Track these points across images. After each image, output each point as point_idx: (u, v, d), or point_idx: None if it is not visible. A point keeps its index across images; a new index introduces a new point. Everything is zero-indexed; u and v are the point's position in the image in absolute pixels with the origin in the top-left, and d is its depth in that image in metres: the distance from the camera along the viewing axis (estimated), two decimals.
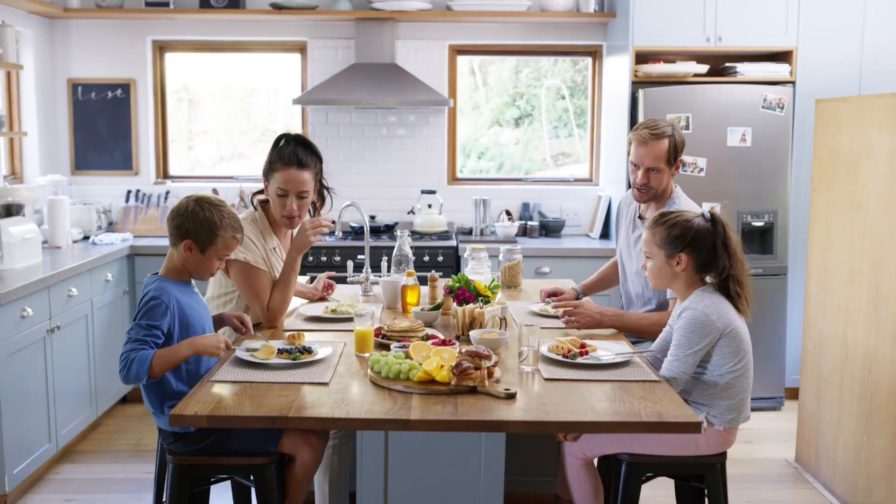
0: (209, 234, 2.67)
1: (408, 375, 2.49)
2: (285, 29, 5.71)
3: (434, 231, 5.50)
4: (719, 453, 2.72)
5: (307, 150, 3.22)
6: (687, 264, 2.74)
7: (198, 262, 2.70)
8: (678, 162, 3.40)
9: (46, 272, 4.08)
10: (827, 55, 5.06)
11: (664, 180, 3.38)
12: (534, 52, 5.90)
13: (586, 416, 2.29)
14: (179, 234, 2.67)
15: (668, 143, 3.33)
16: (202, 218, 2.66)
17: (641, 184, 3.38)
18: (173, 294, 2.64)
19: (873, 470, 3.60)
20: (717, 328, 2.67)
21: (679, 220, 2.75)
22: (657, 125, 3.36)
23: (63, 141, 5.71)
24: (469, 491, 2.44)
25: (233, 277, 3.17)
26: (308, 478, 2.68)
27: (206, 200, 2.70)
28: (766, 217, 5.01)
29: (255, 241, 3.19)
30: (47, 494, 3.93)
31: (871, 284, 3.63)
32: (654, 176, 3.36)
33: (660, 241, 2.76)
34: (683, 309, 2.74)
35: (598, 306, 3.23)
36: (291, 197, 3.19)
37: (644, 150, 3.34)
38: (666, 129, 3.35)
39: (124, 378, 2.51)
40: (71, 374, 4.32)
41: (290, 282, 3.20)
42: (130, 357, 2.49)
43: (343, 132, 5.80)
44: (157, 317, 2.57)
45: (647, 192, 3.39)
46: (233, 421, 2.29)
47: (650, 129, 3.35)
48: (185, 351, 2.57)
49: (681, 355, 2.68)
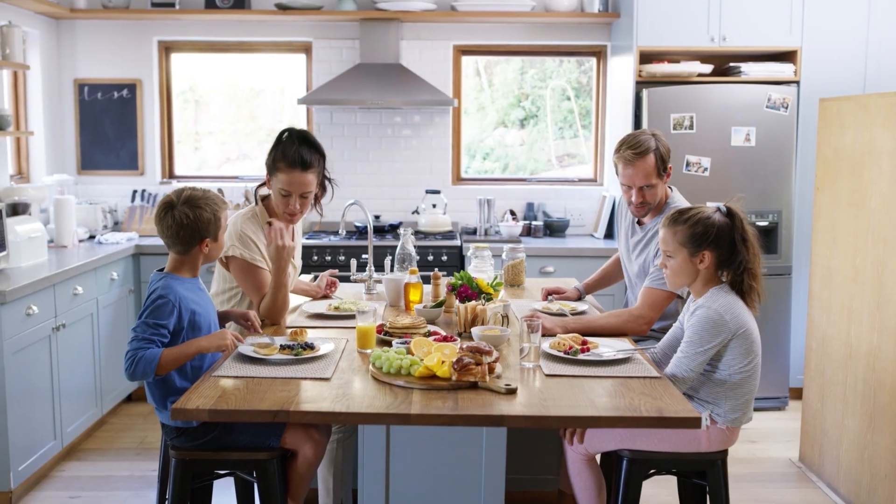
0: (216, 223, 2.75)
1: (409, 371, 2.49)
2: (290, 29, 5.73)
3: (438, 231, 5.51)
4: (721, 451, 2.72)
5: (311, 148, 3.21)
6: (710, 262, 2.73)
7: (212, 250, 2.80)
8: (668, 170, 3.38)
9: (52, 271, 4.10)
10: (831, 55, 5.05)
11: (659, 192, 3.38)
12: (538, 52, 5.91)
13: (586, 410, 2.29)
14: (195, 239, 2.72)
15: (653, 158, 3.29)
16: (206, 217, 2.71)
17: (638, 203, 3.36)
18: (179, 292, 2.66)
19: (877, 469, 3.60)
20: (730, 329, 2.66)
21: (700, 217, 2.73)
22: (638, 142, 3.31)
23: (69, 141, 5.74)
24: (470, 486, 2.45)
25: (233, 274, 3.19)
26: (310, 473, 2.69)
27: (199, 199, 2.73)
28: (771, 217, 5.01)
29: (253, 237, 3.20)
30: (52, 492, 3.94)
31: (874, 283, 3.62)
32: (648, 192, 3.34)
33: (682, 239, 2.73)
34: (697, 307, 2.72)
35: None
36: (294, 197, 3.21)
37: (632, 170, 3.31)
38: (649, 144, 3.30)
39: (130, 376, 2.54)
40: (76, 372, 4.34)
41: (280, 284, 3.15)
42: (137, 356, 2.51)
43: (348, 132, 5.82)
44: (164, 315, 2.59)
45: (644, 207, 3.39)
46: (234, 415, 2.30)
47: (633, 150, 3.30)
48: (192, 351, 2.61)
49: (690, 353, 2.67)
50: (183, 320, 2.64)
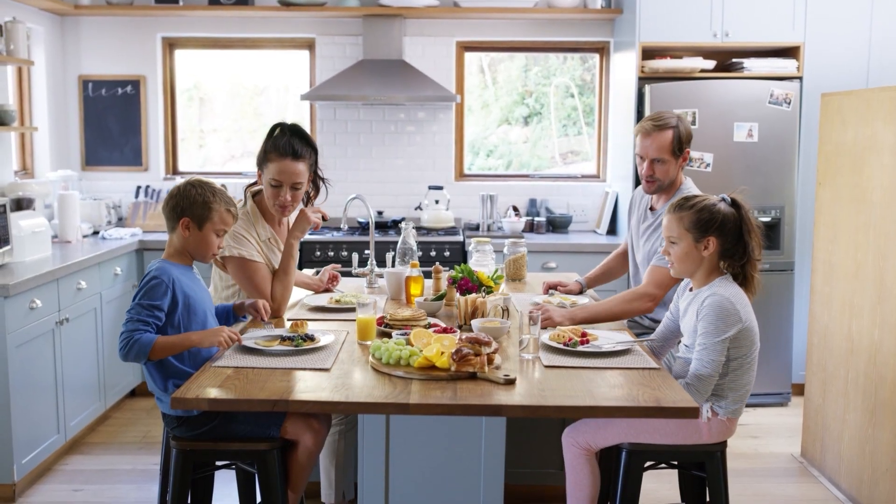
0: (204, 209, 2.73)
1: (408, 361, 2.51)
2: (293, 26, 5.74)
3: (441, 227, 5.52)
4: (720, 442, 2.73)
5: (302, 140, 3.21)
6: (714, 248, 2.73)
7: (197, 241, 2.75)
8: (685, 153, 3.41)
9: (56, 265, 4.12)
10: (834, 50, 5.05)
11: (671, 171, 3.40)
12: (541, 48, 5.92)
13: (584, 401, 2.30)
14: (176, 214, 2.74)
15: (672, 134, 3.35)
16: (194, 195, 2.73)
17: (647, 175, 3.40)
18: (174, 274, 2.68)
19: (878, 463, 3.59)
20: (740, 319, 2.65)
21: (706, 203, 2.74)
22: (661, 116, 3.39)
23: (74, 137, 5.76)
24: (470, 476, 2.46)
25: (231, 273, 3.20)
26: (310, 462, 2.71)
27: (197, 181, 2.79)
28: (773, 213, 5.01)
29: (246, 234, 3.20)
30: (55, 485, 3.96)
31: (875, 278, 3.62)
32: (658, 167, 3.38)
33: (688, 224, 2.73)
34: (707, 295, 2.70)
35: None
36: (285, 188, 3.19)
37: (648, 141, 3.37)
38: (670, 121, 3.37)
39: (123, 356, 2.57)
40: (80, 366, 4.35)
41: (289, 269, 3.23)
42: (133, 338, 2.54)
43: (351, 128, 5.83)
44: (158, 296, 2.61)
45: (653, 182, 3.42)
46: (234, 404, 2.31)
47: (653, 121, 3.38)
48: (186, 344, 2.62)
49: (709, 343, 2.64)
50: (178, 300, 2.66)
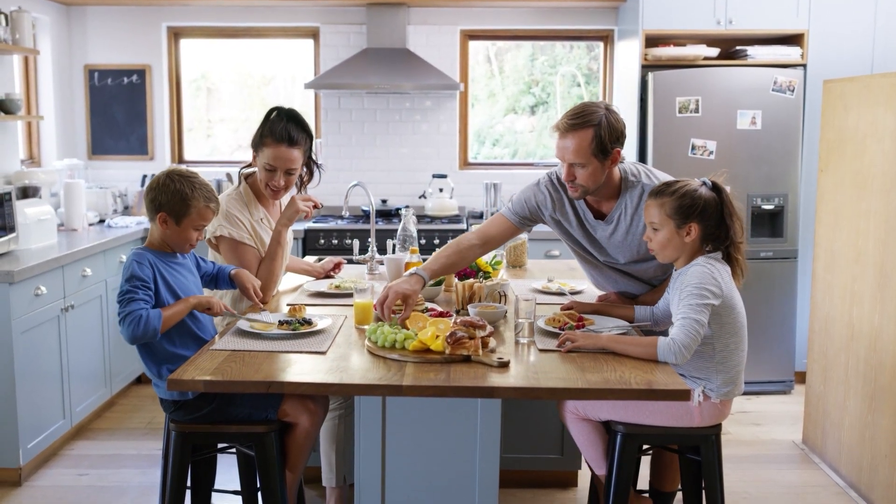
0: (182, 205, 2.71)
1: (403, 345, 2.53)
2: (298, 15, 5.76)
3: (445, 215, 5.54)
4: (714, 425, 2.74)
5: (298, 126, 3.21)
6: (696, 234, 2.73)
7: (175, 235, 2.74)
8: (615, 153, 2.85)
9: (61, 252, 4.15)
10: (838, 38, 5.03)
11: (597, 175, 2.86)
12: (545, 37, 5.91)
13: (576, 383, 2.31)
14: (154, 207, 2.72)
15: (591, 134, 2.79)
16: (173, 189, 2.70)
17: (568, 179, 2.88)
18: (149, 256, 2.69)
19: (877, 449, 3.60)
20: (721, 290, 2.65)
21: (687, 189, 2.73)
22: (582, 112, 2.83)
23: (80, 126, 5.80)
24: (466, 459, 2.47)
25: (222, 253, 3.23)
26: (308, 443, 2.73)
27: (178, 172, 2.74)
28: (777, 200, 5.00)
29: (240, 216, 3.22)
30: (60, 469, 4.01)
31: (876, 264, 3.62)
32: (579, 171, 2.85)
33: (670, 210, 2.72)
34: (690, 266, 2.69)
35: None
36: (279, 173, 3.20)
37: (563, 142, 2.84)
38: (591, 118, 2.81)
39: (132, 337, 2.55)
40: (85, 353, 4.39)
41: (276, 256, 3.24)
42: (143, 315, 2.54)
43: (355, 117, 5.85)
44: (140, 270, 2.62)
45: (577, 189, 2.91)
46: (229, 386, 2.33)
47: (569, 118, 2.83)
48: (184, 308, 2.66)
49: (694, 304, 2.59)
50: (159, 281, 2.67)
